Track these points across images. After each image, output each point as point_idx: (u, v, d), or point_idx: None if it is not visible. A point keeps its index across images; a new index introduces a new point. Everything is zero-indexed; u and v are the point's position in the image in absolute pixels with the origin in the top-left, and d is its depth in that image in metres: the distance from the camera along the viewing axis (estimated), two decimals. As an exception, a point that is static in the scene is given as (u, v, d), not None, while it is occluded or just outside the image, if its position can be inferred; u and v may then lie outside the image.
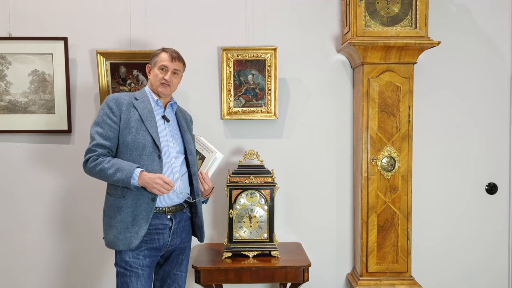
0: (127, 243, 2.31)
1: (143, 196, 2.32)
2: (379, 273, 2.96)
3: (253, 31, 3.13)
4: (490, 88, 3.21)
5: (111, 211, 2.36)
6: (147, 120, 2.37)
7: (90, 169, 2.33)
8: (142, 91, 2.49)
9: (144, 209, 2.32)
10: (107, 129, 2.34)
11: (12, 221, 3.14)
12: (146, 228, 2.32)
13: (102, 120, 2.36)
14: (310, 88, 3.17)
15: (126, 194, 2.33)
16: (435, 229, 3.23)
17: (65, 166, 3.13)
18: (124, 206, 2.32)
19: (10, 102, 3.07)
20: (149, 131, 2.35)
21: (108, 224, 2.37)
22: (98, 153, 2.32)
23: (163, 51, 2.47)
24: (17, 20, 3.07)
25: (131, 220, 2.31)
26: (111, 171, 2.27)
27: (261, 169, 2.91)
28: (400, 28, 2.88)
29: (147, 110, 2.40)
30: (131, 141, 2.34)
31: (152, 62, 2.48)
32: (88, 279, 3.18)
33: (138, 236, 2.31)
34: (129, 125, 2.35)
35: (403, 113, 2.92)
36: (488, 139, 3.22)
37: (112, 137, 2.35)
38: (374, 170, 2.93)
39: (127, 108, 2.38)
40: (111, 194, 2.38)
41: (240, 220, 2.86)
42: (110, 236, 2.34)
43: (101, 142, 2.32)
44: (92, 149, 2.32)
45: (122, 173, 2.26)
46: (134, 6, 3.10)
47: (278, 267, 2.73)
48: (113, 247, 2.34)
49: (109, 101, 2.38)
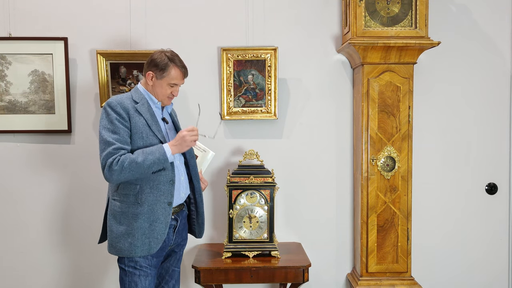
0: (146, 249, 2.29)
1: (159, 201, 2.31)
2: (379, 273, 2.96)
3: (253, 31, 3.13)
4: (490, 88, 3.21)
5: (124, 218, 2.31)
6: (153, 124, 2.35)
7: (117, 169, 2.20)
8: (138, 92, 2.41)
9: (162, 214, 2.32)
10: (122, 133, 2.27)
11: (12, 221, 3.13)
12: (166, 232, 2.33)
13: (114, 125, 2.27)
14: (310, 88, 3.17)
15: (141, 200, 2.30)
16: (435, 229, 3.23)
17: (65, 166, 3.13)
18: (140, 213, 2.29)
19: (10, 102, 3.07)
20: (157, 136, 2.34)
21: (120, 231, 2.31)
22: (121, 153, 2.24)
23: (173, 66, 2.37)
24: (17, 20, 3.07)
25: (148, 225, 2.30)
26: (141, 158, 2.22)
27: (261, 169, 2.91)
28: (400, 28, 2.88)
29: (149, 114, 2.36)
30: (143, 146, 2.30)
31: (158, 72, 2.36)
32: (88, 279, 3.18)
33: (159, 241, 2.31)
34: (139, 130, 2.31)
35: (403, 113, 2.92)
36: (488, 139, 3.22)
37: (128, 141, 2.29)
38: (374, 170, 2.93)
39: (133, 113, 2.32)
40: (122, 201, 2.32)
41: (240, 220, 2.86)
42: (124, 244, 2.30)
43: (121, 146, 2.25)
44: (112, 152, 2.22)
45: (154, 155, 2.24)
46: (134, 6, 3.10)
47: (278, 267, 2.73)
48: (128, 255, 2.30)
49: (114, 106, 2.29)
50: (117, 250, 2.32)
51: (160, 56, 2.37)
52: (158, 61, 2.36)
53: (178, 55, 2.43)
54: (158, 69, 2.36)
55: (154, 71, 2.37)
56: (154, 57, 2.38)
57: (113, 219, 2.35)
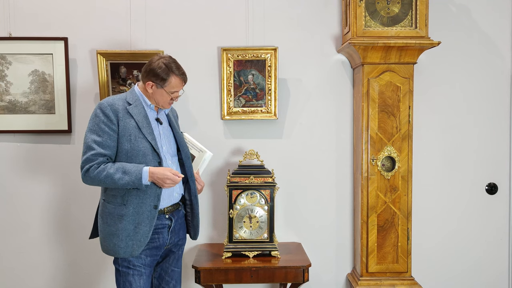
0: (129, 251, 2.30)
1: (145, 204, 2.31)
2: (379, 273, 2.96)
3: (253, 31, 3.13)
4: (490, 88, 3.21)
5: (110, 219, 2.32)
6: (144, 127, 2.34)
7: (93, 177, 2.26)
8: (133, 93, 2.40)
9: (147, 217, 2.32)
10: (106, 138, 2.28)
11: (12, 221, 3.14)
12: (150, 235, 2.33)
13: (99, 128, 2.28)
14: (310, 88, 3.17)
15: (127, 202, 2.30)
16: (435, 229, 3.23)
17: (65, 166, 3.13)
18: (126, 215, 2.30)
19: (10, 102, 3.07)
20: (147, 138, 2.33)
21: (106, 231, 2.33)
22: (99, 161, 2.26)
23: (173, 75, 2.34)
24: (17, 20, 3.07)
25: (133, 228, 2.30)
26: (118, 175, 2.24)
27: (261, 169, 2.91)
28: (400, 28, 2.88)
29: (141, 116, 2.35)
30: (130, 149, 2.30)
31: (159, 83, 2.34)
32: (88, 279, 3.18)
33: (142, 244, 2.31)
34: (127, 132, 2.31)
35: (403, 113, 2.92)
36: (488, 139, 3.22)
37: (112, 145, 2.30)
38: (374, 170, 2.93)
39: (123, 115, 2.32)
40: (110, 201, 2.34)
41: (240, 220, 2.86)
42: (109, 244, 2.32)
43: (101, 151, 2.27)
44: (91, 158, 2.26)
45: (130, 176, 2.24)
46: (134, 6, 3.10)
47: (278, 267, 2.73)
48: (113, 255, 2.33)
49: (104, 108, 2.30)
50: (105, 250, 2.37)
51: (159, 65, 2.33)
52: (158, 71, 2.33)
53: (176, 61, 2.39)
54: (158, 79, 2.34)
55: (153, 81, 2.35)
56: (153, 67, 2.34)
57: (101, 219, 2.37)
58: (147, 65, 2.37)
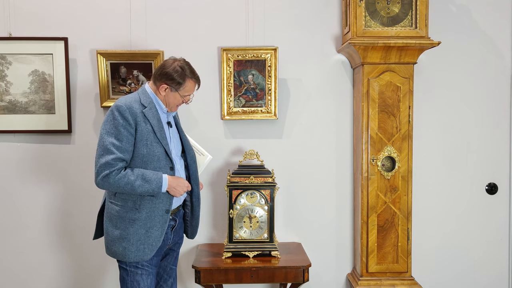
0: (140, 255, 2.30)
1: (157, 208, 2.32)
2: (379, 273, 2.96)
3: (253, 31, 3.13)
4: (490, 88, 3.21)
5: (121, 222, 2.30)
6: (158, 131, 2.33)
7: (112, 183, 2.22)
8: (146, 95, 2.37)
9: (159, 221, 2.32)
10: (125, 142, 2.25)
11: (12, 221, 3.13)
12: (162, 239, 2.34)
13: (118, 132, 2.24)
14: (310, 88, 3.17)
15: (139, 206, 2.30)
16: (435, 229, 3.23)
17: (65, 166, 3.13)
18: (138, 219, 2.29)
19: (10, 102, 3.07)
20: (161, 143, 2.32)
21: (115, 235, 2.31)
22: (119, 167, 2.23)
23: (189, 79, 2.35)
24: (17, 20, 3.07)
25: (144, 232, 2.30)
26: (138, 182, 2.23)
27: (261, 169, 2.91)
28: (400, 28, 2.88)
29: (156, 119, 2.34)
30: (146, 154, 2.29)
31: (174, 86, 2.34)
32: (88, 279, 3.18)
33: (154, 248, 2.32)
34: (144, 137, 2.29)
35: (403, 113, 2.93)
36: (488, 139, 3.22)
37: (130, 149, 2.27)
38: (374, 170, 2.93)
39: (140, 118, 2.29)
40: (120, 205, 2.31)
41: (240, 220, 2.86)
42: (118, 247, 2.31)
43: (120, 156, 2.23)
44: (111, 163, 2.21)
45: (150, 184, 2.24)
46: (134, 6, 3.10)
47: (278, 267, 2.73)
48: (121, 258, 2.32)
49: (123, 111, 2.25)
50: (112, 253, 2.35)
51: (175, 69, 2.32)
52: (174, 75, 2.32)
53: (190, 65, 2.39)
54: (174, 83, 2.33)
55: (169, 84, 2.34)
56: (168, 70, 2.33)
57: (109, 222, 2.35)
58: (161, 67, 2.35)
